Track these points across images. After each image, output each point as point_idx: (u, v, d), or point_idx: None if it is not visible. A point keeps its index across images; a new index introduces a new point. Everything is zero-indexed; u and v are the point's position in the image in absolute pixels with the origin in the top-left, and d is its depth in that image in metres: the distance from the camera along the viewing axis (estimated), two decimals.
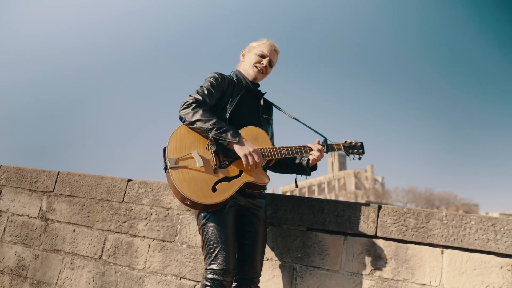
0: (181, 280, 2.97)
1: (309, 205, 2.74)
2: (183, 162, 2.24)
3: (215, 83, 2.45)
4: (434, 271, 2.39)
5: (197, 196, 2.16)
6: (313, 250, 2.67)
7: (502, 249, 2.27)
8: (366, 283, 2.50)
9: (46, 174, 3.76)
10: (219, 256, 2.19)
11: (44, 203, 3.66)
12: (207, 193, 2.18)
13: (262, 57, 2.58)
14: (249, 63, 2.59)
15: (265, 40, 2.63)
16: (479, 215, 2.39)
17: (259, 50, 2.58)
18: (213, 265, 2.19)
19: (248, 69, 2.59)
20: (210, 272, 2.19)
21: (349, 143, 2.68)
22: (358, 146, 2.68)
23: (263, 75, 2.63)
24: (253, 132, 2.40)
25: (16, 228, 3.68)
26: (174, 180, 2.18)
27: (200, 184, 2.20)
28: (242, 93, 2.52)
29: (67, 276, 3.34)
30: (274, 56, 2.63)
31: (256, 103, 2.60)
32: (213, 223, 2.25)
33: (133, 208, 3.30)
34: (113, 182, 3.46)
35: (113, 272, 3.20)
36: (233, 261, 2.22)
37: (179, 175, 2.21)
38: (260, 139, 2.39)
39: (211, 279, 2.17)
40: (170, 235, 3.10)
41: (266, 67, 2.58)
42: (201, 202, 2.16)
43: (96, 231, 3.37)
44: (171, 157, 2.24)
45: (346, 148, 2.66)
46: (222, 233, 2.23)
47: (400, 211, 2.53)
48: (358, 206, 2.64)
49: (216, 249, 2.21)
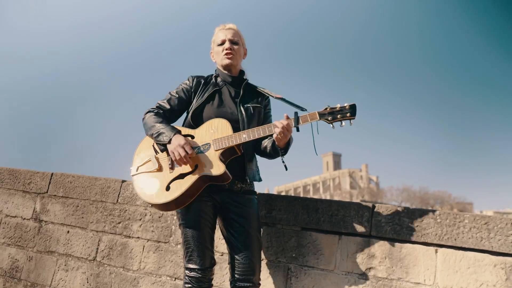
0: (176, 281, 2.96)
1: (303, 205, 2.74)
2: (143, 167, 2.36)
3: (180, 88, 2.53)
4: (428, 270, 2.40)
5: (151, 197, 2.27)
6: (307, 249, 2.67)
7: (496, 247, 2.28)
8: (361, 282, 2.51)
9: (40, 175, 3.74)
10: (194, 255, 2.25)
11: (37, 205, 3.64)
12: (160, 193, 2.25)
13: (223, 44, 2.54)
14: (218, 56, 2.56)
15: (216, 28, 2.61)
16: (472, 213, 2.40)
17: (218, 40, 2.55)
18: (189, 264, 2.26)
19: (221, 61, 2.54)
20: (188, 271, 2.26)
21: (331, 109, 2.24)
22: (347, 108, 2.23)
23: (236, 57, 2.53)
24: (213, 124, 2.35)
25: (9, 230, 3.66)
26: (134, 187, 2.33)
27: (155, 185, 2.28)
28: (219, 88, 2.51)
29: (61, 278, 3.32)
30: (231, 33, 2.54)
31: (237, 93, 2.53)
32: (186, 222, 2.30)
33: (127, 209, 3.29)
34: (107, 183, 3.44)
35: (108, 273, 3.19)
36: (209, 258, 2.27)
37: (137, 182, 2.35)
38: (220, 129, 2.32)
39: (189, 277, 2.25)
40: (165, 236, 3.10)
41: (231, 48, 2.51)
42: (155, 202, 2.25)
43: (90, 232, 3.36)
44: (133, 166, 2.39)
45: (324, 115, 2.23)
46: (196, 231, 2.27)
47: (394, 210, 2.54)
48: (352, 205, 2.64)
49: (190, 248, 2.27)
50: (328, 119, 2.22)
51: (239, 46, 2.55)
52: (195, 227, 2.27)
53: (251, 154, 2.48)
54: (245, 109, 2.46)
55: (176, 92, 2.52)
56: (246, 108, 2.46)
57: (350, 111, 2.21)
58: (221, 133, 2.31)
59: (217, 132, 2.32)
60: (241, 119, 2.42)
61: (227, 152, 2.29)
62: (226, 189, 2.36)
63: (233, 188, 2.37)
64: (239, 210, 2.36)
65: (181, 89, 2.53)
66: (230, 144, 2.26)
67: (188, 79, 2.56)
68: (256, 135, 2.26)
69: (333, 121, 2.22)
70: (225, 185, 2.34)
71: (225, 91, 2.51)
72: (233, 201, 2.37)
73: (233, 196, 2.37)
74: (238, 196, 2.38)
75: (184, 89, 2.53)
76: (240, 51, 2.55)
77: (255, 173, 2.48)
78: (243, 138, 2.26)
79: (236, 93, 2.52)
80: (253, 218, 2.38)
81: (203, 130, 2.36)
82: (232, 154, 2.32)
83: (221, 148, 2.27)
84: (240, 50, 2.56)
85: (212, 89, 2.49)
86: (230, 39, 2.51)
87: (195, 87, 2.52)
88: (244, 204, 2.38)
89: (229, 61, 2.50)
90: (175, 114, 2.52)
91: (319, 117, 2.22)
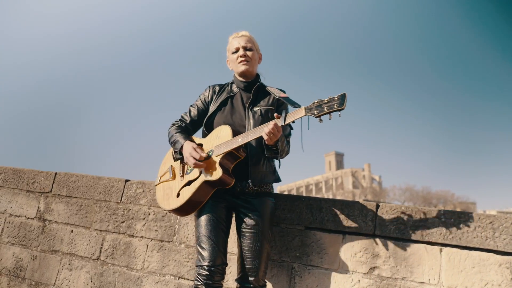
0: (180, 280, 2.96)
1: (307, 204, 2.74)
2: (163, 177, 2.59)
3: (198, 99, 2.68)
4: (432, 269, 2.39)
5: (164, 204, 2.50)
6: (311, 249, 2.67)
7: (501, 246, 2.28)
8: (365, 282, 2.50)
9: (44, 175, 3.74)
10: (204, 253, 2.29)
11: (41, 204, 3.64)
12: (172, 200, 2.45)
13: (237, 51, 2.60)
14: (234, 64, 2.63)
15: (230, 37, 2.68)
16: (477, 213, 2.39)
17: (232, 48, 2.61)
18: (199, 262, 2.30)
19: (237, 69, 2.61)
20: (197, 268, 2.29)
21: (319, 102, 2.12)
22: (335, 99, 2.07)
23: (251, 63, 2.58)
24: (219, 131, 2.45)
25: (13, 229, 3.67)
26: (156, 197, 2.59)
27: (170, 193, 2.49)
28: (233, 94, 2.59)
29: (65, 277, 3.33)
30: (244, 40, 2.59)
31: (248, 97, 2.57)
32: (199, 223, 2.39)
33: (131, 209, 3.30)
34: (111, 182, 3.45)
35: (111, 272, 3.19)
36: (217, 256, 2.28)
37: (157, 191, 2.60)
38: (222, 136, 2.41)
39: (199, 275, 2.26)
40: (168, 235, 3.10)
41: (245, 55, 2.57)
42: (169, 208, 2.46)
43: (94, 231, 3.36)
44: (157, 177, 2.64)
45: (311, 109, 2.13)
46: (207, 231, 2.33)
47: (398, 210, 2.53)
48: (356, 204, 2.64)
49: (201, 247, 2.31)
50: (314, 113, 2.11)
51: (253, 52, 2.60)
52: (207, 227, 2.34)
53: (258, 157, 2.46)
54: (253, 113, 2.50)
55: (195, 104, 2.67)
56: (254, 112, 2.50)
57: (338, 102, 2.06)
58: (223, 139, 2.39)
59: (219, 139, 2.41)
60: (248, 123, 2.47)
61: (228, 157, 2.36)
62: (239, 191, 2.43)
63: (245, 191, 2.43)
64: (250, 211, 2.41)
65: (199, 100, 2.67)
66: (227, 149, 2.32)
67: (205, 89, 2.69)
68: (249, 137, 2.29)
69: (320, 115, 2.09)
70: (237, 188, 2.41)
71: (238, 97, 2.59)
72: (245, 203, 2.43)
73: (246, 198, 2.43)
74: (251, 198, 2.43)
75: (202, 99, 2.66)
76: (254, 56, 2.61)
77: (264, 175, 2.47)
78: (239, 141, 2.31)
79: (247, 97, 2.57)
80: (264, 219, 2.41)
81: (211, 138, 2.47)
82: (234, 159, 2.38)
83: (220, 154, 2.34)
84: (255, 55, 2.62)
85: (225, 96, 2.58)
86: (243, 46, 2.58)
87: (211, 96, 2.64)
88: (256, 205, 2.43)
89: (244, 67, 2.56)
90: (195, 124, 2.65)
91: (305, 112, 2.15)
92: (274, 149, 2.35)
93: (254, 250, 2.35)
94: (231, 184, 2.34)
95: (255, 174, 2.43)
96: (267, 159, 2.51)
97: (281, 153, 2.38)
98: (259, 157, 2.47)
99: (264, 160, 2.49)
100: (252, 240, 2.36)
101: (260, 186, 2.46)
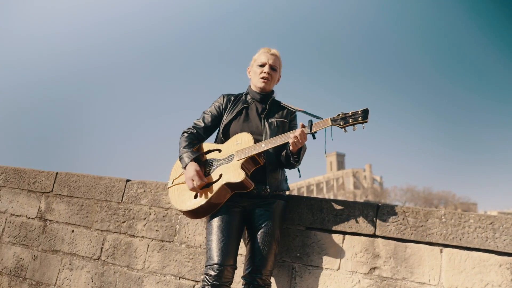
0: (180, 280, 2.97)
1: (308, 204, 2.74)
2: (177, 180, 2.62)
3: (212, 106, 2.76)
4: (433, 270, 2.39)
5: (182, 206, 2.51)
6: (312, 249, 2.67)
7: (501, 247, 2.27)
8: (365, 282, 2.50)
9: (45, 174, 3.75)
10: (211, 253, 2.32)
11: (42, 204, 3.65)
12: (189, 202, 2.48)
13: (263, 66, 2.68)
14: (255, 76, 2.73)
15: (261, 49, 2.76)
16: (478, 213, 2.39)
17: (259, 61, 2.70)
18: (207, 262, 2.33)
19: (256, 82, 2.72)
20: (205, 268, 2.32)
21: (344, 115, 2.31)
22: (359, 113, 2.28)
23: (271, 82, 2.70)
24: (238, 138, 2.54)
25: (14, 229, 3.68)
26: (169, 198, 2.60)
27: (185, 195, 2.52)
28: (248, 105, 2.69)
29: (66, 277, 3.33)
30: (273, 59, 2.69)
31: (263, 109, 2.69)
32: (211, 225, 2.43)
33: (131, 208, 3.30)
34: (112, 182, 3.45)
35: (112, 272, 3.20)
36: (227, 256, 2.30)
37: (172, 193, 2.62)
38: (243, 142, 2.49)
39: (207, 275, 2.29)
40: (169, 235, 3.10)
41: (269, 73, 2.67)
42: (185, 209, 2.48)
43: (95, 231, 3.37)
44: (169, 179, 2.67)
45: (337, 120, 2.31)
46: (218, 232, 2.37)
47: (399, 210, 2.54)
48: (357, 205, 2.64)
49: (209, 248, 2.35)
50: (340, 124, 2.30)
51: (276, 72, 2.71)
52: (219, 230, 2.39)
53: (275, 165, 2.58)
54: (269, 124, 2.60)
55: (209, 110, 2.75)
56: (270, 122, 2.61)
57: (362, 115, 2.27)
58: (244, 145, 2.47)
59: (239, 145, 2.49)
60: (265, 132, 2.56)
61: (249, 162, 2.45)
62: (254, 195, 2.50)
63: (260, 194, 2.50)
64: (262, 212, 2.49)
65: (213, 107, 2.75)
66: (250, 154, 2.42)
67: (219, 97, 2.78)
68: (274, 143, 2.40)
69: (345, 126, 2.30)
70: (253, 191, 2.47)
71: (253, 107, 2.69)
72: (258, 204, 2.51)
73: (260, 199, 2.51)
74: (264, 199, 2.51)
75: (216, 107, 2.74)
76: (275, 77, 2.72)
77: (279, 182, 2.60)
78: (262, 147, 2.41)
79: (262, 109, 2.68)
80: (274, 220, 2.49)
81: (229, 144, 2.55)
82: (255, 164, 2.48)
83: (242, 158, 2.43)
84: (276, 76, 2.73)
85: (241, 106, 2.67)
86: (271, 64, 2.68)
87: (225, 105, 2.73)
88: (269, 206, 2.51)
89: (263, 85, 2.68)
90: (208, 130, 2.74)
91: (331, 122, 2.32)
92: (295, 157, 2.46)
93: (263, 249, 2.41)
94: (250, 188, 2.42)
95: (272, 180, 2.54)
96: (281, 168, 2.64)
97: (300, 161, 2.51)
98: (276, 165, 2.60)
99: (279, 169, 2.61)
100: (262, 240, 2.43)
101: (274, 190, 2.54)
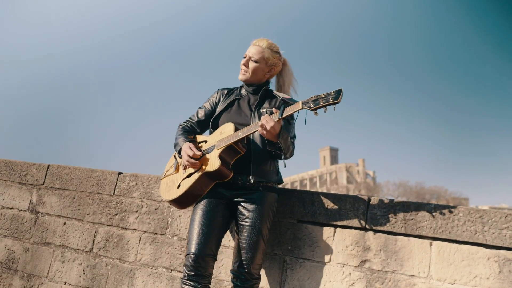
0: (172, 273, 2.98)
1: (299, 198, 2.75)
2: (168, 171, 2.71)
3: (207, 101, 2.77)
4: (422, 263, 2.41)
5: (166, 195, 2.60)
6: (303, 242, 2.68)
7: (489, 240, 2.30)
8: (356, 275, 2.53)
9: (36, 167, 3.73)
10: (189, 243, 2.32)
11: (34, 196, 3.64)
12: (172, 191, 2.54)
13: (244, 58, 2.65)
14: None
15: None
16: (467, 207, 2.42)
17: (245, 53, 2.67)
18: (186, 251, 2.32)
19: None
20: (185, 259, 2.31)
21: (316, 97, 2.17)
22: (332, 94, 2.13)
23: (247, 75, 2.62)
24: (222, 128, 2.52)
25: (5, 221, 3.66)
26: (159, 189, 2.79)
27: (171, 185, 2.59)
28: (241, 97, 2.67)
29: (58, 269, 3.33)
30: (254, 50, 2.60)
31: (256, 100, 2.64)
32: (193, 217, 2.43)
33: (124, 201, 3.30)
34: (104, 175, 3.44)
35: (104, 264, 3.20)
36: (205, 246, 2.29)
37: (162, 185, 2.70)
38: (225, 132, 2.48)
39: (185, 266, 2.29)
40: (161, 227, 3.10)
41: (244, 64, 2.62)
42: (168, 199, 2.56)
43: (86, 224, 3.36)
44: (163, 172, 2.75)
45: (307, 103, 2.18)
46: (197, 224, 2.37)
47: (389, 204, 2.56)
48: (348, 198, 2.66)
49: (188, 238, 2.35)
50: (310, 106, 2.16)
51: (257, 65, 2.59)
52: (200, 220, 2.37)
53: (262, 156, 2.50)
54: (259, 114, 2.54)
55: (204, 105, 2.76)
56: (260, 113, 2.55)
57: (334, 96, 2.11)
58: (225, 135, 2.46)
59: (222, 135, 2.48)
60: (254, 122, 2.47)
61: (229, 151, 2.42)
62: (239, 186, 2.46)
63: (245, 185, 2.46)
64: (248, 204, 2.44)
65: (208, 102, 2.76)
66: (228, 143, 2.39)
67: (215, 92, 2.78)
68: (248, 131, 2.35)
69: (316, 108, 2.15)
70: (238, 182, 2.45)
71: (245, 99, 2.66)
72: (245, 196, 2.46)
73: (246, 191, 2.46)
74: (251, 191, 2.46)
75: (210, 102, 2.75)
76: (257, 69, 2.60)
77: (267, 173, 2.51)
78: (239, 135, 2.38)
79: (255, 99, 2.63)
80: (261, 212, 2.43)
81: (214, 135, 2.56)
82: (236, 153, 2.44)
83: (220, 147, 2.41)
84: (258, 68, 2.60)
85: (233, 98, 2.66)
86: (250, 56, 2.61)
87: (219, 98, 2.73)
88: (255, 199, 2.45)
89: (240, 76, 2.66)
90: (202, 124, 2.74)
91: (302, 105, 2.20)
92: (277, 146, 2.40)
93: (248, 242, 2.37)
94: (229, 177, 2.40)
95: (257, 171, 2.46)
96: (271, 159, 2.55)
97: (285, 151, 2.41)
98: (263, 156, 2.51)
99: (268, 160, 2.53)
100: (247, 233, 2.39)
101: (262, 181, 2.48)
